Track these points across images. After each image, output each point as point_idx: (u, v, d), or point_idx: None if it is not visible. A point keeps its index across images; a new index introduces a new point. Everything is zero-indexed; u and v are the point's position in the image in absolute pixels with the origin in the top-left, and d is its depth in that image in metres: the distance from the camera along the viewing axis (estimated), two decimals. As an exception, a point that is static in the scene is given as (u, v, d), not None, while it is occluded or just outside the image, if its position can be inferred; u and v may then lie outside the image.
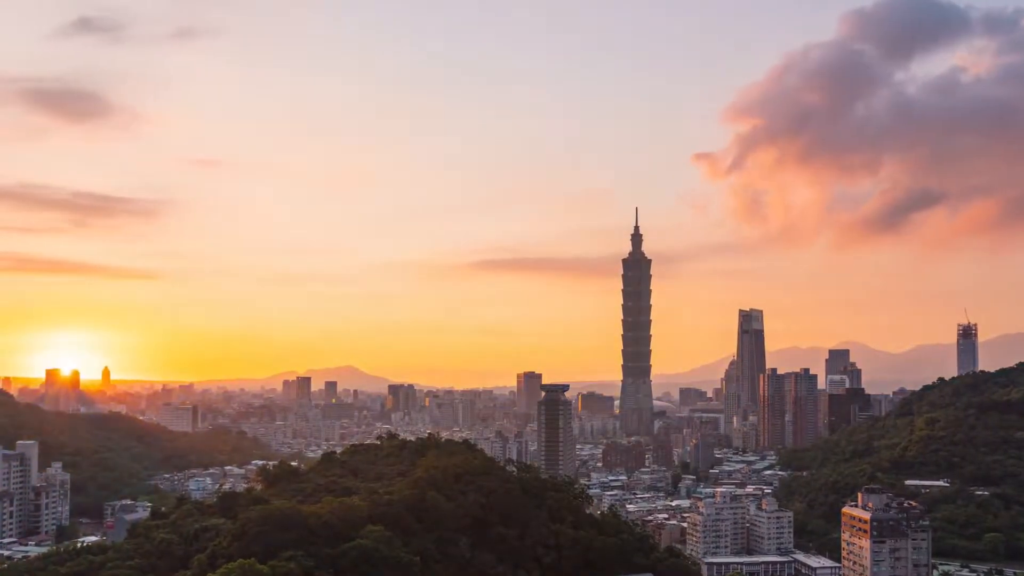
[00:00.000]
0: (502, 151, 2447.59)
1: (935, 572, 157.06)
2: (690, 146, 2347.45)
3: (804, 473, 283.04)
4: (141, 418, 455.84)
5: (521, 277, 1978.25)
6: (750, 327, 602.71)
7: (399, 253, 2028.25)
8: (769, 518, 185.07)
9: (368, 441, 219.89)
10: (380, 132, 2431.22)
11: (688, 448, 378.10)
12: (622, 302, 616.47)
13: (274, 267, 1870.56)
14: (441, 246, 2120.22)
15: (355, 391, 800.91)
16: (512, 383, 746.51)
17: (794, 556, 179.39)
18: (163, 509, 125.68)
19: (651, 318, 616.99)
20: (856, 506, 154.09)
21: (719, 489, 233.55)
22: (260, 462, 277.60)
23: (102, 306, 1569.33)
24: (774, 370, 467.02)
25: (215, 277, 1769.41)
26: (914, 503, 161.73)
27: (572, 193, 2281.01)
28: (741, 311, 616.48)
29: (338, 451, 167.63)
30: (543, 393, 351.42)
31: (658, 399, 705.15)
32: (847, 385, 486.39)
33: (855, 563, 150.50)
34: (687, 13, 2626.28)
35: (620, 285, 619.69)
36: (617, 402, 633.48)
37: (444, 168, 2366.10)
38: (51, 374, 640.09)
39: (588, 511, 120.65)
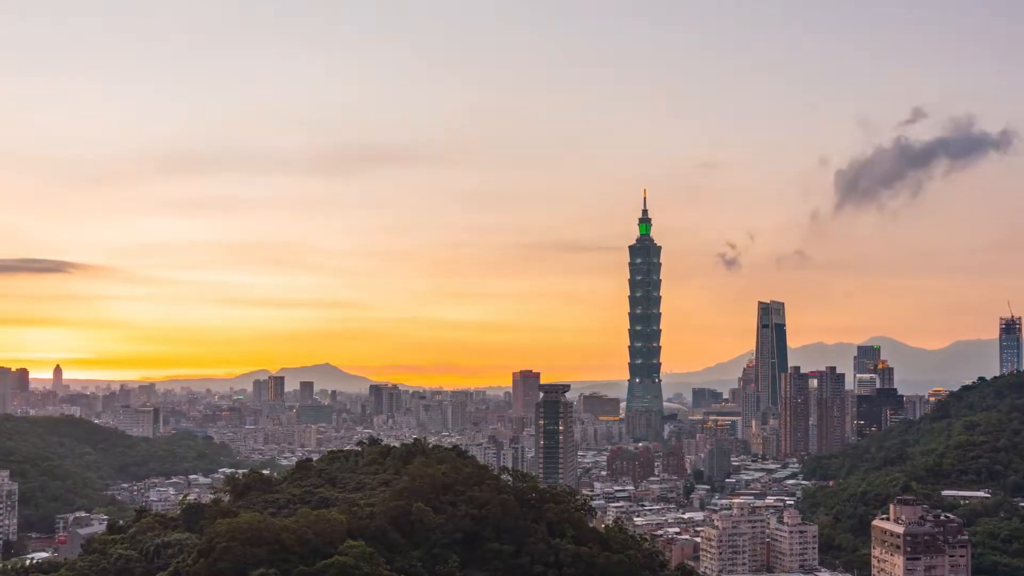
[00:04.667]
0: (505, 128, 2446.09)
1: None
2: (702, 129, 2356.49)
3: (830, 482, 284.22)
4: (97, 421, 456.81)
5: (517, 266, 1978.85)
6: (770, 321, 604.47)
7: (380, 236, 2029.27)
8: (791, 532, 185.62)
9: (347, 447, 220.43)
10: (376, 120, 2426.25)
11: (702, 455, 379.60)
12: (628, 293, 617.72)
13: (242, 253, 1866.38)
14: (429, 231, 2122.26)
15: (333, 391, 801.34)
16: (507, 383, 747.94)
17: (819, 574, 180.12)
18: (121, 522, 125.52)
19: (661, 311, 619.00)
20: (887, 519, 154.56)
21: (736, 500, 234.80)
22: (228, 470, 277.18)
23: (53, 298, 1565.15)
24: (797, 368, 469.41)
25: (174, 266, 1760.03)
26: (952, 516, 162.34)
27: (578, 173, 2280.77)
28: (761, 303, 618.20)
29: (314, 458, 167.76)
30: (541, 394, 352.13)
31: (669, 400, 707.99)
32: (878, 385, 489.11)
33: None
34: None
35: (627, 274, 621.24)
36: (623, 404, 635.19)
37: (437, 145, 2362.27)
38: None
39: (591, 525, 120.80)
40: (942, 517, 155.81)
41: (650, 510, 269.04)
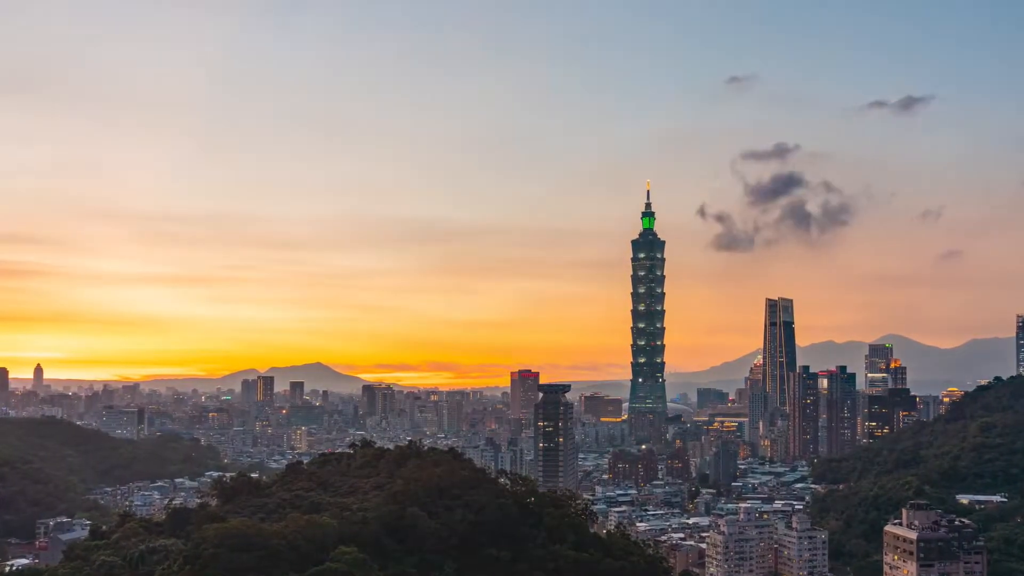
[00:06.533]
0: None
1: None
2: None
3: (840, 486, 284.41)
4: (79, 423, 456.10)
5: (516, 261, 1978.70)
6: (779, 319, 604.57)
7: (373, 232, 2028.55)
8: (800, 538, 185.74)
9: (339, 449, 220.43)
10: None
11: (707, 457, 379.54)
12: (631, 289, 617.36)
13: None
14: (424, 225, 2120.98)
15: (324, 392, 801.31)
16: (505, 383, 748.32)
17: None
18: (104, 527, 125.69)
19: (665, 308, 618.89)
20: (900, 524, 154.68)
21: (743, 505, 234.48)
22: (215, 473, 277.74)
23: (34, 296, 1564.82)
24: (806, 368, 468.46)
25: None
26: (966, 521, 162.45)
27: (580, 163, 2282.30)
28: (768, 300, 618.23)
29: (305, 461, 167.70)
30: (540, 394, 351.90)
31: (673, 401, 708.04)
32: (890, 385, 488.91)
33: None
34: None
35: (629, 270, 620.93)
36: (626, 404, 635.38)
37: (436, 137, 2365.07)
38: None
39: (592, 530, 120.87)
40: (956, 522, 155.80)
41: (653, 515, 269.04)
